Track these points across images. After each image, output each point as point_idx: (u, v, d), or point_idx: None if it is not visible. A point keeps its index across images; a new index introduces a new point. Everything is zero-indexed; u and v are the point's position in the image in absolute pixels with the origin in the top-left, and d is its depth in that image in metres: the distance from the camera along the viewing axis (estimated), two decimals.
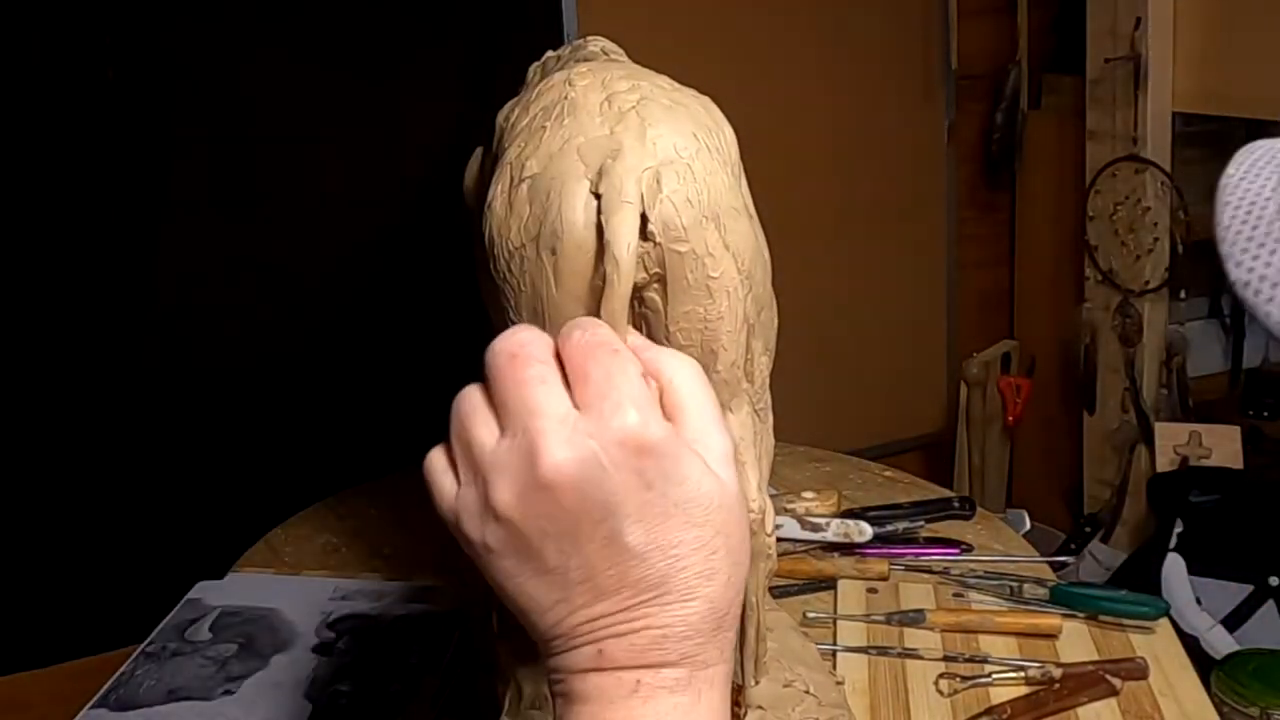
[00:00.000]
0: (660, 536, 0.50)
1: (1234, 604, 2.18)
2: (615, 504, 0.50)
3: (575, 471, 0.49)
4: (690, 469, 0.51)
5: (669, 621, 0.51)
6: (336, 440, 1.99)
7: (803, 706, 0.96)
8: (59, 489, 1.87)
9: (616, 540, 0.50)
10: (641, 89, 0.76)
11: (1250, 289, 0.57)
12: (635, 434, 0.50)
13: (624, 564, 0.50)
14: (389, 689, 1.11)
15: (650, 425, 0.50)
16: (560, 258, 0.72)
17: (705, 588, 0.51)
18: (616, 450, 0.50)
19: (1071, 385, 2.71)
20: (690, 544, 0.51)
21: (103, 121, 1.82)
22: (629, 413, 0.50)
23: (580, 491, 0.50)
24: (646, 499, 0.50)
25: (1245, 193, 0.60)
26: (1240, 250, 0.58)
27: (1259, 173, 0.61)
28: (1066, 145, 2.65)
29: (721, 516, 0.52)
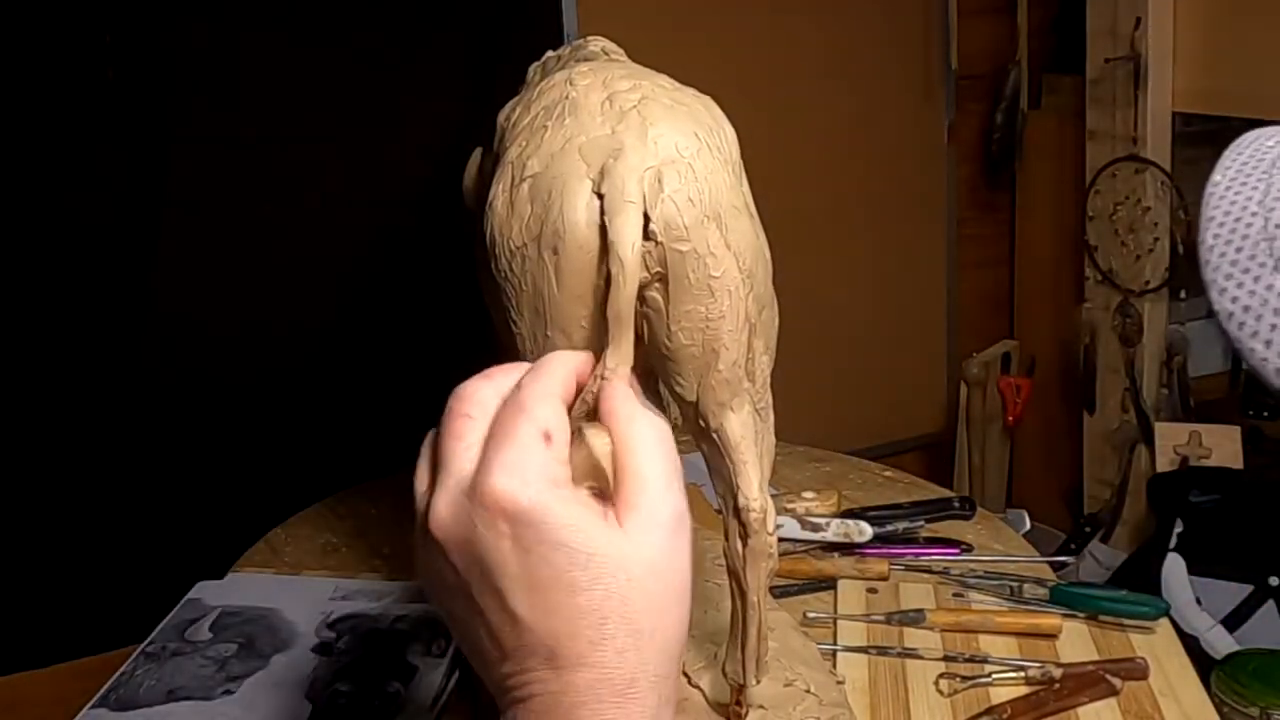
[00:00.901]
0: (544, 601, 0.49)
1: (1234, 604, 2.18)
2: (495, 566, 0.49)
3: (452, 531, 0.50)
4: (577, 539, 0.49)
5: (559, 688, 0.50)
6: (336, 440, 1.99)
7: (804, 706, 0.97)
8: (59, 489, 1.87)
9: (505, 603, 0.50)
10: (643, 88, 0.76)
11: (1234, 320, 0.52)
12: (500, 498, 0.49)
13: (516, 627, 0.50)
14: (389, 689, 1.11)
15: (520, 491, 0.49)
16: (562, 257, 0.72)
17: (594, 655, 0.49)
18: (483, 512, 0.49)
19: (1071, 385, 2.71)
20: (576, 611, 0.49)
21: (103, 121, 1.82)
22: (499, 476, 0.49)
23: (463, 551, 0.50)
24: (527, 565, 0.49)
25: (1230, 207, 0.55)
26: (1224, 276, 0.53)
27: (1245, 181, 0.56)
28: (1066, 145, 2.65)
29: (618, 584, 0.49)
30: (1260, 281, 0.52)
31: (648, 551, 0.50)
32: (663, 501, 0.51)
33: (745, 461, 0.82)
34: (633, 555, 0.50)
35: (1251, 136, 0.59)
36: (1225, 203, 0.55)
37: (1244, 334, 0.52)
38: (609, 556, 0.50)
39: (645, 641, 0.50)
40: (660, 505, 0.51)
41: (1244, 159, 0.58)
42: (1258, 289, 0.52)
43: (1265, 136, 0.59)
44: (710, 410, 0.81)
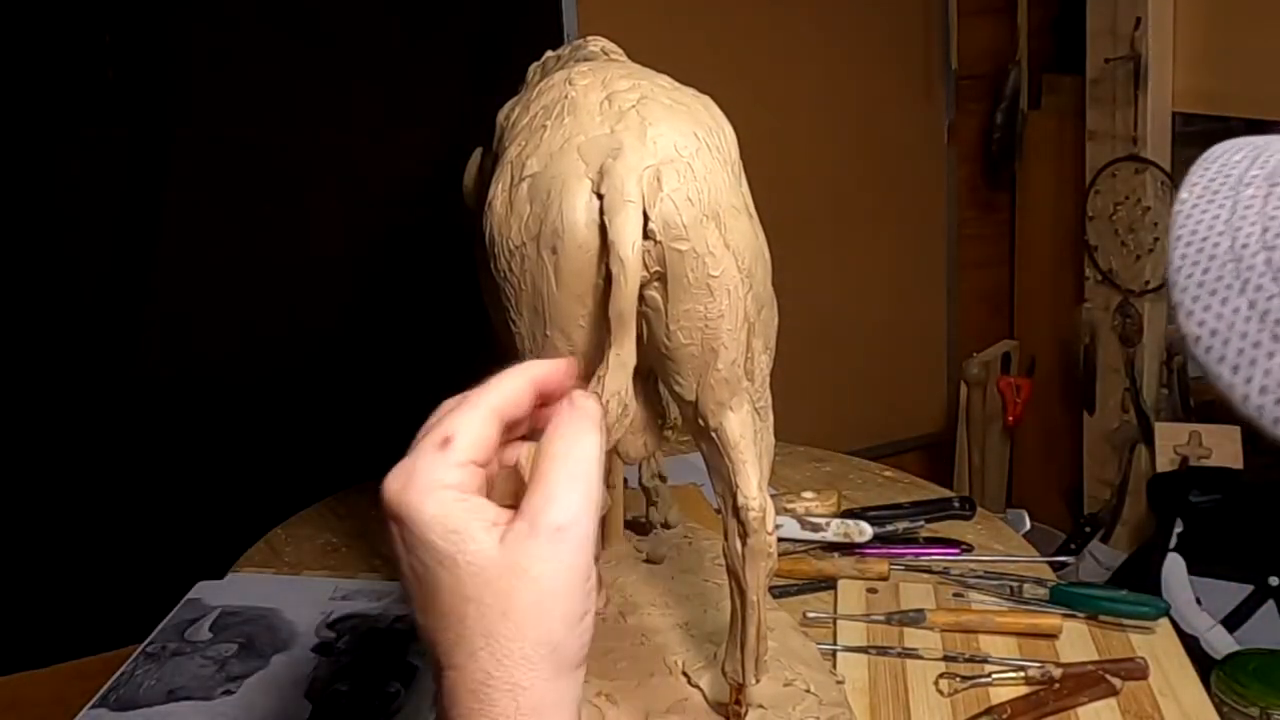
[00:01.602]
0: (423, 599, 0.51)
1: (1234, 604, 2.18)
2: (392, 560, 0.52)
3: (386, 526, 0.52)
4: (443, 536, 0.50)
5: (443, 686, 0.51)
6: (336, 440, 1.99)
7: (803, 705, 0.97)
8: (59, 489, 1.87)
9: (409, 597, 0.52)
10: (642, 88, 0.76)
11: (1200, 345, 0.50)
12: (387, 499, 0.51)
13: (421, 620, 0.52)
14: (389, 689, 1.11)
15: (403, 494, 0.50)
16: (561, 256, 0.72)
17: (455, 655, 0.50)
18: (385, 515, 0.51)
19: (1071, 385, 2.71)
20: (441, 610, 0.50)
21: (103, 121, 1.82)
22: (391, 480, 0.51)
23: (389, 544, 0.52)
24: (409, 561, 0.51)
25: (1196, 226, 0.53)
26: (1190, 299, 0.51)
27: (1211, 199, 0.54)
28: (1066, 145, 2.65)
29: (475, 586, 0.50)
30: (1227, 304, 0.50)
31: (517, 558, 0.50)
32: (549, 508, 0.51)
33: (744, 461, 0.82)
34: (500, 561, 0.50)
35: (1219, 150, 0.57)
36: (1192, 221, 0.53)
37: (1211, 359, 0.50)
38: (472, 560, 0.50)
39: (500, 647, 0.50)
40: (545, 511, 0.51)
41: (1211, 174, 0.56)
42: (1224, 311, 0.50)
43: (1233, 150, 0.57)
44: (709, 409, 0.81)
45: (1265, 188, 0.52)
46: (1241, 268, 0.50)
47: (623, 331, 0.72)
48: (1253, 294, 0.49)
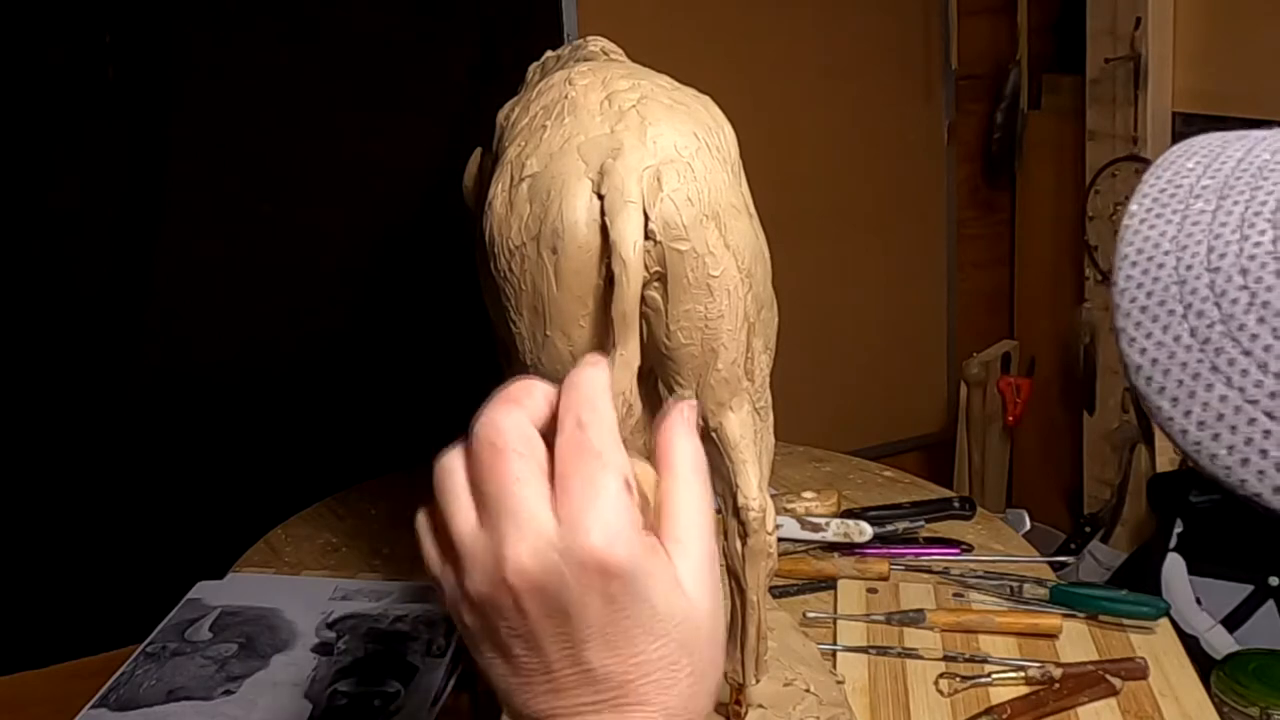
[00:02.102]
0: (622, 649, 0.50)
1: (1234, 604, 2.18)
2: (576, 616, 0.50)
3: (538, 581, 0.49)
4: (658, 589, 0.50)
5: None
6: (336, 440, 1.99)
7: (803, 705, 0.97)
8: (59, 489, 1.87)
9: (577, 650, 0.50)
10: (642, 88, 0.76)
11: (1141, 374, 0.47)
12: (601, 557, 0.49)
13: (582, 670, 0.50)
14: (389, 689, 1.11)
15: (617, 548, 0.49)
16: (561, 256, 0.72)
17: (660, 697, 0.51)
18: (579, 569, 0.49)
19: (1071, 385, 2.71)
20: (651, 656, 0.50)
21: (103, 121, 1.82)
22: (597, 534, 0.49)
23: (543, 599, 0.50)
24: (610, 617, 0.50)
25: (1143, 244, 0.49)
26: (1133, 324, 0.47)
27: (1160, 213, 0.50)
28: (1066, 145, 2.65)
29: (687, 633, 0.51)
30: (1169, 331, 0.46)
31: (708, 602, 0.52)
32: (703, 544, 0.53)
33: (744, 461, 0.82)
34: (698, 604, 0.52)
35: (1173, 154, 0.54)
36: (1139, 239, 0.50)
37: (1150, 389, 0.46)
38: (682, 609, 0.51)
39: (703, 684, 0.52)
40: (701, 549, 0.53)
41: (1162, 184, 0.52)
42: (1165, 339, 0.46)
43: (1187, 155, 0.53)
44: (709, 409, 0.81)
45: (1215, 200, 0.49)
46: (1185, 291, 0.47)
47: (626, 331, 0.73)
48: (1195, 320, 0.46)
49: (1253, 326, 0.45)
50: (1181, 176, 0.51)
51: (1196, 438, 0.45)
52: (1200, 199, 0.49)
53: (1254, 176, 0.49)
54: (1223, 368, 0.45)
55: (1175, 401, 0.46)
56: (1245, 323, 0.45)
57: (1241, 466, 0.44)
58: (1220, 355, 0.45)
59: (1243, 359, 0.44)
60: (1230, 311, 0.45)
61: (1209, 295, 0.46)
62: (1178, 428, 0.46)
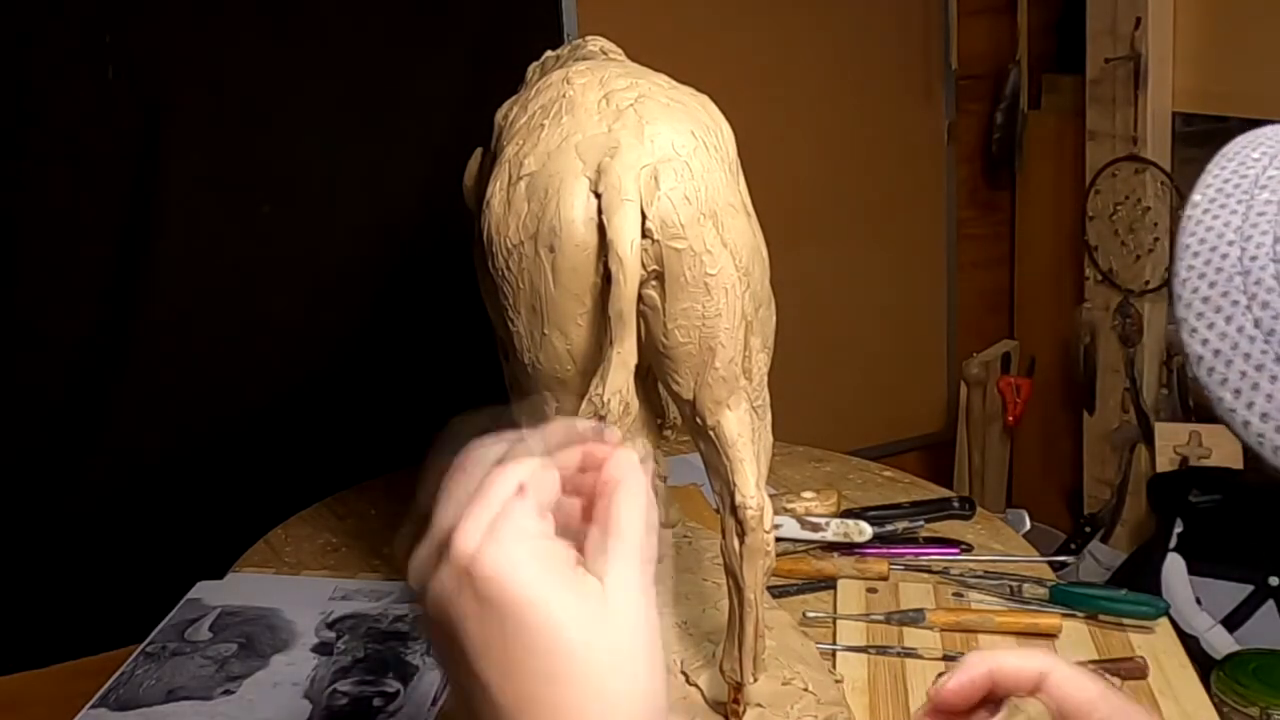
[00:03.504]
0: (515, 684, 0.48)
1: (1234, 604, 2.18)
2: (464, 634, 0.48)
3: (438, 598, 0.49)
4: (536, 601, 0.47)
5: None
6: (336, 440, 1.99)
7: (801, 704, 0.97)
8: (59, 489, 1.87)
9: (477, 672, 0.48)
10: (639, 87, 0.76)
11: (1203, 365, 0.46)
12: (465, 562, 0.47)
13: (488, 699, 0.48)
14: (389, 689, 1.11)
15: (484, 558, 0.47)
16: (559, 255, 0.72)
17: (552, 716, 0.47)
18: (454, 579, 0.48)
19: (1071, 385, 2.71)
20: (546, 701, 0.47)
21: (103, 121, 1.82)
22: (468, 539, 0.48)
23: (438, 613, 0.49)
24: (489, 636, 0.47)
25: (1206, 234, 0.48)
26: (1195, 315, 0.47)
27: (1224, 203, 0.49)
28: (1066, 145, 2.64)
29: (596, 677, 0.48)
30: (1232, 322, 0.45)
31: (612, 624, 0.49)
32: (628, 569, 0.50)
33: (742, 459, 0.82)
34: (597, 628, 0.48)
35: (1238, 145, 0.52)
36: (1202, 228, 0.49)
37: (1212, 380, 0.46)
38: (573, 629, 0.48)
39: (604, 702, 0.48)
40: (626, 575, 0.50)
41: (1226, 174, 0.51)
42: (1229, 330, 0.45)
43: (1252, 146, 0.52)
44: (707, 408, 0.81)
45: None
46: (1249, 281, 0.46)
47: (623, 330, 0.73)
48: (1259, 311, 0.45)
49: None
50: (1247, 167, 0.51)
51: (1260, 429, 0.45)
52: (1266, 189, 0.49)
53: None
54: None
55: (1238, 393, 0.45)
56: None
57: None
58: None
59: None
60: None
61: (1274, 286, 0.45)
62: (1240, 419, 0.45)
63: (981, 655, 0.59)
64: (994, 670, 0.58)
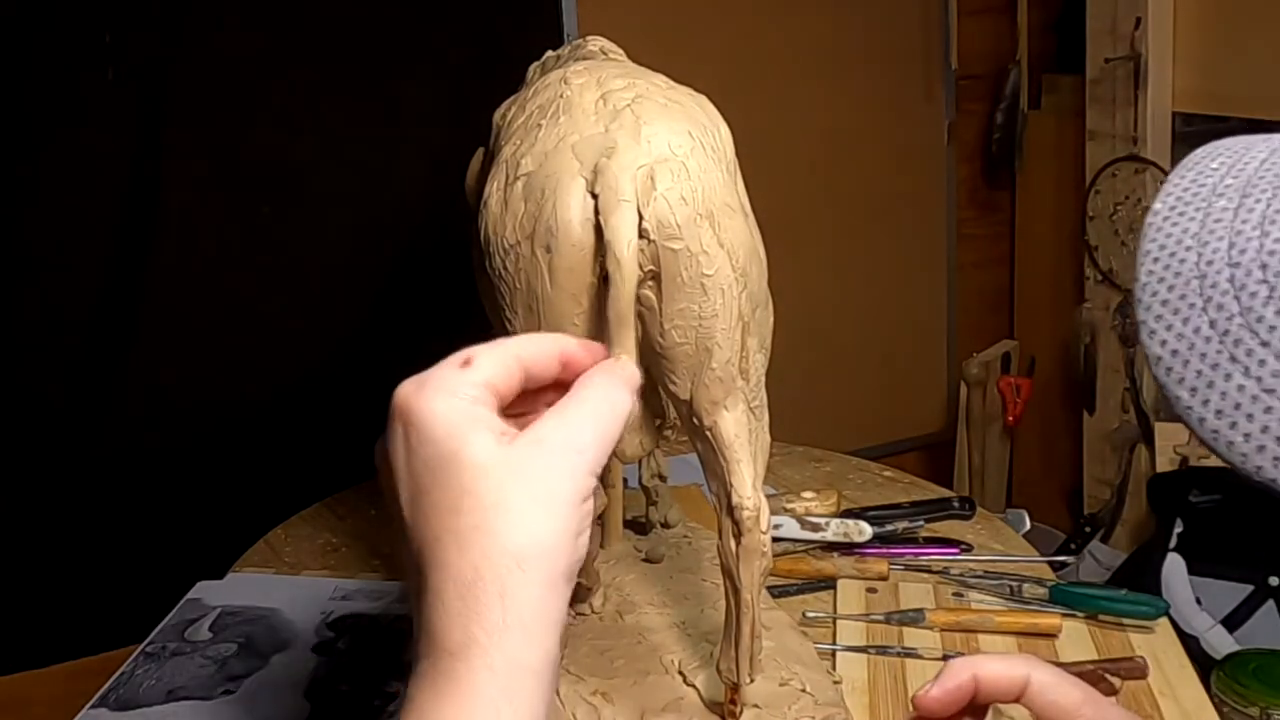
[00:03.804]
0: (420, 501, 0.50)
1: (1234, 604, 2.18)
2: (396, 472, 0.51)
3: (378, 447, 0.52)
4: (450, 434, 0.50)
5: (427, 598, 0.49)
6: (336, 441, 1.99)
7: (798, 705, 0.97)
8: (59, 490, 1.87)
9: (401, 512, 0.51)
10: (637, 87, 0.76)
11: (1161, 365, 0.48)
12: (399, 400, 0.51)
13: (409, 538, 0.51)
14: (389, 689, 1.11)
15: (415, 394, 0.51)
16: (555, 255, 0.72)
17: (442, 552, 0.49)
18: (393, 419, 0.51)
19: (1071, 385, 2.71)
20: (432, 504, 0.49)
21: (102, 121, 1.82)
22: (408, 383, 0.52)
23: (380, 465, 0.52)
24: (412, 465, 0.50)
25: (1165, 240, 0.50)
26: (1154, 317, 0.49)
27: (1183, 211, 0.52)
28: (1066, 145, 2.65)
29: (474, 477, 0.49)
30: (1189, 324, 0.48)
31: (520, 460, 0.50)
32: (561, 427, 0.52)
33: (739, 460, 0.82)
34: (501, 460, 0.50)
35: (1197, 156, 0.55)
36: (1162, 235, 0.51)
37: (1170, 380, 0.48)
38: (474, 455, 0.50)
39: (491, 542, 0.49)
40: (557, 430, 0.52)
41: (1185, 183, 0.53)
42: (1185, 331, 0.48)
43: (1210, 157, 0.55)
44: (704, 408, 0.81)
45: (1237, 198, 0.50)
46: (1206, 285, 0.48)
47: (622, 330, 0.73)
48: (1214, 313, 0.47)
49: (1271, 318, 0.46)
50: (1205, 176, 0.53)
51: (1214, 426, 0.46)
52: (1223, 197, 0.51)
53: (1277, 176, 0.51)
54: (1241, 358, 0.46)
55: (1194, 391, 0.47)
56: (1264, 315, 0.46)
57: (1258, 454, 0.45)
58: (1239, 346, 0.46)
59: (1261, 350, 0.46)
60: (1250, 304, 0.47)
61: (1229, 289, 0.47)
62: (1196, 416, 0.47)
63: (965, 661, 0.60)
64: (977, 676, 0.58)
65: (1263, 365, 0.45)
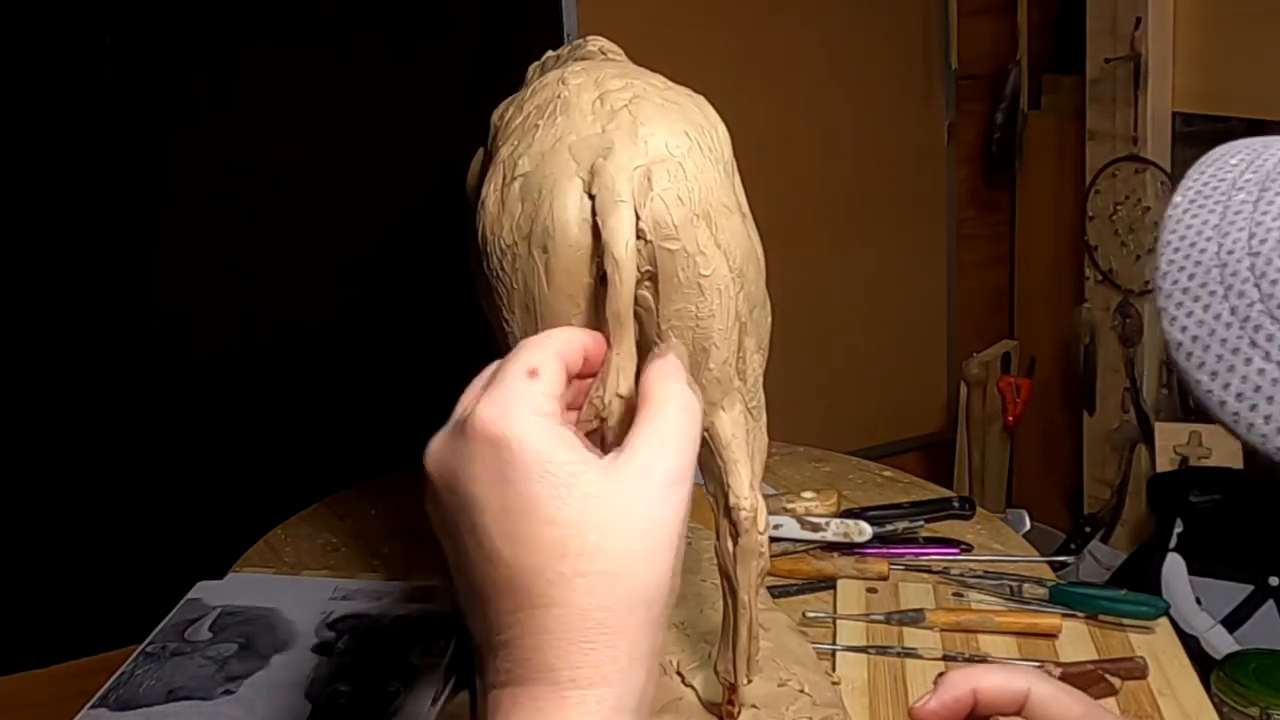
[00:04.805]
0: (518, 533, 0.48)
1: (1234, 604, 2.18)
2: (475, 500, 0.49)
3: (439, 466, 0.50)
4: (555, 466, 0.48)
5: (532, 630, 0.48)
6: (336, 440, 1.99)
7: (796, 706, 0.97)
8: (59, 489, 1.87)
9: (483, 539, 0.49)
10: (634, 88, 0.76)
11: (1182, 350, 0.50)
12: (484, 425, 0.49)
13: (495, 565, 0.49)
14: (389, 689, 1.11)
15: (499, 417, 0.49)
16: (552, 255, 0.72)
17: (562, 591, 0.48)
18: (470, 444, 0.49)
19: (1071, 385, 2.71)
20: (546, 543, 0.48)
21: (103, 121, 1.82)
22: (482, 407, 0.49)
23: (447, 486, 0.50)
24: (503, 494, 0.48)
25: (1186, 231, 0.53)
26: (1175, 304, 0.51)
27: (1203, 204, 0.53)
28: (1066, 145, 2.65)
29: (589, 519, 0.48)
30: (1209, 310, 0.49)
31: (631, 494, 0.49)
32: (659, 456, 0.50)
33: (736, 460, 0.82)
34: (612, 495, 0.49)
35: (1217, 153, 0.57)
36: (1182, 226, 0.53)
37: (1191, 364, 0.49)
38: (587, 491, 0.48)
39: (618, 584, 0.48)
40: (656, 458, 0.50)
41: (1205, 178, 0.55)
42: (1206, 318, 0.49)
43: (1230, 154, 0.57)
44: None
45: (1256, 192, 0.52)
46: (1226, 273, 0.50)
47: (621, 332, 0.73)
48: (1235, 300, 0.49)
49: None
50: (1225, 171, 0.55)
51: (1235, 408, 0.48)
52: (1242, 191, 0.52)
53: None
54: (1261, 343, 0.48)
55: (1214, 375, 0.49)
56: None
57: (1278, 435, 0.46)
58: (1259, 331, 0.48)
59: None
60: (1270, 291, 0.48)
61: (1249, 277, 0.49)
62: (1216, 399, 0.48)
63: (964, 673, 0.60)
64: (976, 689, 0.58)
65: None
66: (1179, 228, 0.53)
